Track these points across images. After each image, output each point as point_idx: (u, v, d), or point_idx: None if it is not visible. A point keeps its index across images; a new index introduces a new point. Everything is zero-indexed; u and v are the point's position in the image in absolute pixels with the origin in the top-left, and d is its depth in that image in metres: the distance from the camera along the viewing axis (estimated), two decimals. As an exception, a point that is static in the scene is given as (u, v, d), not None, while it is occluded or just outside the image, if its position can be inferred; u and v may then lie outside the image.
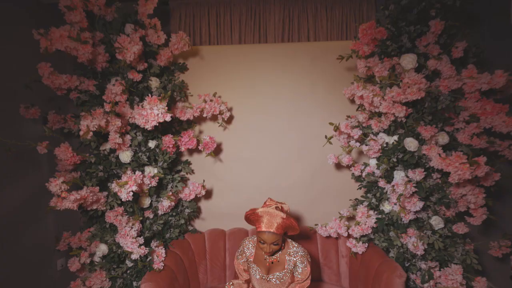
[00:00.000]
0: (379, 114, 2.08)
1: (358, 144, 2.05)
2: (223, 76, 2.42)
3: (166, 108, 1.77)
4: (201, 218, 2.58)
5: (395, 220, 1.95)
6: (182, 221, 2.27)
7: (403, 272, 1.81)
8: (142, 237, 1.96)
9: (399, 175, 1.93)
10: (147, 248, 1.89)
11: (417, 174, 1.84)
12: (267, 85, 2.42)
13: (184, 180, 2.31)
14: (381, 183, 1.98)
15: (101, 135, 1.96)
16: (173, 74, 2.30)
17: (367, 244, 2.08)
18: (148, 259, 1.94)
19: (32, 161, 2.13)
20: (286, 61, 2.40)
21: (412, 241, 1.90)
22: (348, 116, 2.23)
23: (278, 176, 2.49)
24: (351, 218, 2.33)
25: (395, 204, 1.96)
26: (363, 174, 2.11)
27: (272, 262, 1.80)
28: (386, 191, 1.98)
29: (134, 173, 1.86)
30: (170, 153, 2.14)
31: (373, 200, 2.10)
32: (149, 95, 1.81)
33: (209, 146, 2.16)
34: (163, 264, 1.94)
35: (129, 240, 1.85)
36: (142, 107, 1.81)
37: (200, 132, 2.45)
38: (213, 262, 2.36)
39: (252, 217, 1.77)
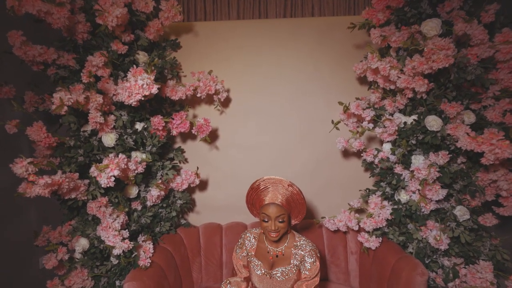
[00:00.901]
0: (394, 93, 1.83)
1: (371, 125, 1.79)
2: (220, 55, 2.16)
3: (153, 78, 1.51)
4: (196, 211, 2.32)
5: (413, 210, 1.69)
6: (174, 214, 2.01)
7: (425, 269, 1.56)
8: (127, 230, 1.69)
9: (418, 160, 1.68)
10: (132, 243, 1.62)
11: (441, 158, 1.59)
12: (267, 65, 2.16)
13: (176, 169, 2.05)
14: (398, 169, 1.73)
15: (82, 115, 1.71)
16: (164, 51, 2.04)
17: (380, 238, 1.82)
18: (133, 255, 1.68)
19: (12, 149, 1.88)
20: (289, 38, 2.15)
21: (434, 235, 1.64)
22: (358, 98, 1.98)
23: (279, 165, 2.23)
24: (360, 211, 2.08)
25: (414, 192, 1.71)
26: (376, 161, 1.86)
27: (277, 256, 1.55)
28: (403, 178, 1.72)
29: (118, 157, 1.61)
30: (160, 137, 1.88)
31: (387, 190, 1.84)
32: (134, 66, 1.55)
33: (203, 129, 1.91)
34: (150, 261, 1.67)
35: (111, 233, 1.59)
36: (127, 81, 1.55)
37: (194, 116, 2.20)
38: (208, 259, 2.09)
39: (254, 195, 1.55)
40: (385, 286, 1.72)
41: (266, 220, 1.50)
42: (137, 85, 1.44)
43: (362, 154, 1.90)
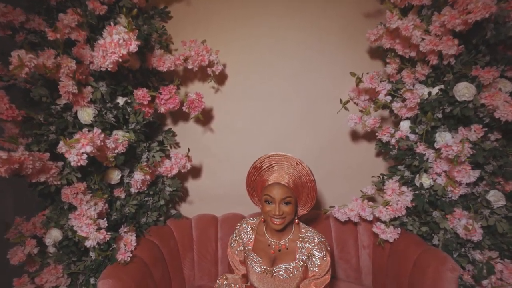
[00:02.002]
0: (413, 63, 1.57)
1: (389, 97, 1.53)
2: (215, 27, 1.90)
3: (134, 39, 1.24)
4: (188, 201, 2.06)
5: (439, 196, 1.43)
6: (162, 202, 1.74)
7: (456, 264, 1.30)
8: (105, 220, 1.42)
9: (443, 138, 1.42)
10: (109, 234, 1.35)
11: (474, 132, 1.32)
12: (267, 38, 1.89)
13: (165, 152, 1.78)
14: (420, 148, 1.46)
15: (56, 88, 1.44)
16: (152, 19, 1.78)
17: (399, 229, 1.56)
18: (111, 248, 1.41)
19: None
20: (291, 7, 1.88)
21: (463, 224, 1.38)
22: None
23: (280, 150, 1.88)
24: (372, 199, 1.82)
25: (439, 175, 1.44)
26: (393, 141, 1.59)
27: (280, 250, 1.29)
28: (427, 159, 1.46)
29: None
30: (145, 114, 1.61)
31: (406, 173, 1.58)
32: (112, 24, 1.28)
33: (195, 105, 1.64)
34: (130, 255, 1.40)
35: (85, 221, 1.32)
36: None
37: (186, 95, 1.93)
38: (202, 255, 1.82)
39: (256, 175, 1.33)
40: (406, 284, 1.46)
41: (269, 201, 1.25)
42: (113, 42, 1.18)
43: (376, 134, 1.64)
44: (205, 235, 1.85)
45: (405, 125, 1.58)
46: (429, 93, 1.42)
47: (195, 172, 2.01)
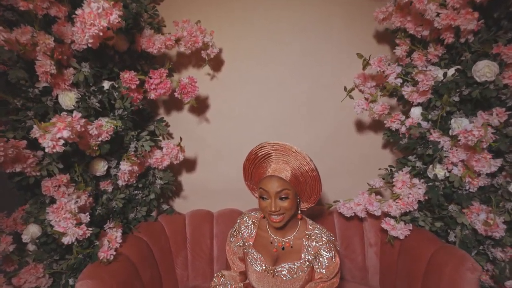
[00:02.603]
0: (425, 45, 1.43)
1: (399, 80, 1.39)
2: (210, 9, 1.75)
3: (118, 14, 1.10)
4: (182, 196, 1.91)
5: (455, 188, 1.29)
6: (152, 196, 1.59)
7: (476, 264, 1.15)
8: (88, 214, 1.28)
9: (459, 124, 1.28)
10: (90, 229, 1.21)
11: (496, 116, 1.18)
12: (266, 21, 1.75)
13: (156, 143, 1.63)
14: (435, 135, 1.32)
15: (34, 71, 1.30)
16: (142, -1, 1.63)
17: (411, 225, 1.41)
18: (92, 246, 1.26)
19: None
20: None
21: (483, 219, 1.23)
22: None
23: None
24: (378, 194, 1.67)
25: (455, 165, 1.30)
26: (403, 129, 1.45)
27: (283, 248, 1.15)
28: (441, 147, 1.32)
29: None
30: (134, 100, 1.47)
31: (418, 164, 1.44)
32: None
33: (188, 91, 1.50)
34: (114, 253, 1.25)
35: (63, 215, 1.18)
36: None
37: (179, 80, 1.78)
38: (196, 253, 1.68)
39: (252, 167, 1.18)
40: (418, 286, 1.31)
41: (265, 197, 1.11)
42: (92, 13, 1.03)
43: (385, 122, 1.49)
44: (200, 232, 1.70)
45: (416, 111, 1.44)
46: (445, 74, 1.28)
47: (189, 164, 1.87)
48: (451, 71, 1.29)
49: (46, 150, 1.09)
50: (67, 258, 1.41)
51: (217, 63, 1.77)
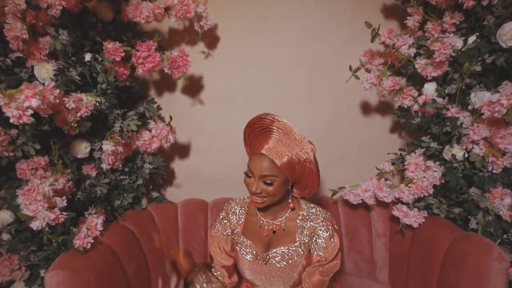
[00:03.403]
0: (439, 14, 1.29)
1: (412, 50, 1.24)
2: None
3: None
4: (175, 185, 1.76)
5: (477, 168, 1.14)
6: (140, 182, 1.44)
7: (503, 253, 1.00)
8: (64, 198, 1.12)
9: (480, 98, 1.13)
10: (65, 214, 1.06)
11: (525, 85, 1.03)
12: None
13: (146, 125, 1.48)
14: (452, 110, 1.17)
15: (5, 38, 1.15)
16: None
17: (425, 212, 1.26)
18: (68, 233, 1.11)
19: None
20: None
21: (508, 203, 1.08)
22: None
23: None
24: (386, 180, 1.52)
25: (476, 143, 1.15)
26: (415, 107, 1.30)
27: (274, 231, 1.00)
28: (461, 124, 1.17)
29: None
30: (119, 75, 1.32)
31: (433, 145, 1.29)
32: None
33: (179, 65, 1.35)
34: (92, 241, 1.09)
35: (33, 197, 1.03)
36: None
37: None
38: (189, 245, 1.53)
39: (253, 137, 1.02)
40: (435, 279, 1.16)
41: (249, 175, 0.96)
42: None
43: (396, 98, 1.35)
44: (193, 222, 1.55)
45: (430, 88, 1.29)
46: (465, 41, 1.13)
47: (182, 150, 1.72)
48: (472, 38, 1.14)
49: (11, 121, 0.94)
50: (46, 249, 1.26)
51: (212, 40, 1.62)
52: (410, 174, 1.27)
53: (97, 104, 1.23)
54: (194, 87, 1.65)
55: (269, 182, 0.92)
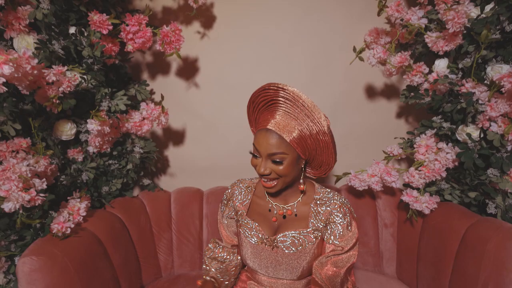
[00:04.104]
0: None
1: (424, 21, 1.14)
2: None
3: None
4: (169, 173, 1.66)
5: (495, 147, 1.03)
6: (130, 167, 1.33)
7: (528, 237, 0.89)
8: (43, 180, 1.02)
9: (497, 71, 1.02)
10: (43, 195, 0.95)
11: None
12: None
13: (137, 108, 1.38)
14: (468, 85, 1.06)
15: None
16: None
17: (438, 197, 1.16)
18: (46, 217, 1.00)
19: None
20: None
21: (529, 186, 0.98)
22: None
23: None
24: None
25: (493, 121, 1.05)
26: (425, 85, 1.20)
27: (284, 217, 0.90)
28: (477, 100, 1.06)
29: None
30: (108, 50, 1.22)
31: (444, 125, 1.18)
32: None
33: (171, 40, 1.25)
34: (72, 225, 0.99)
35: (7, 177, 0.92)
36: None
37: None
38: (183, 236, 1.42)
39: (257, 113, 0.90)
40: (449, 270, 1.05)
41: (256, 155, 0.85)
42: None
43: (404, 76, 1.25)
44: (188, 212, 1.45)
45: (441, 64, 1.19)
46: (482, 8, 1.02)
47: (177, 137, 1.62)
48: (488, 7, 1.04)
49: (-20, 89, 0.84)
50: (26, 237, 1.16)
51: (208, 20, 1.52)
52: (421, 157, 1.16)
53: (82, 81, 1.13)
54: (189, 69, 1.55)
55: (278, 160, 0.81)
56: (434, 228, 1.15)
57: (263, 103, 0.86)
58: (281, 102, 0.81)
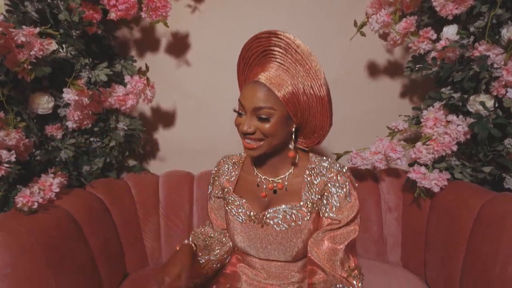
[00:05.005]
0: None
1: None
2: None
3: None
4: (158, 157, 1.55)
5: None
6: (113, 143, 1.22)
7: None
8: (12, 152, 0.91)
9: (513, 32, 0.92)
10: (7, 165, 0.84)
11: None
12: None
13: (122, 84, 1.27)
14: (481, 48, 0.95)
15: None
16: None
17: (448, 173, 1.05)
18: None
19: None
20: None
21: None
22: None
23: None
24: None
25: (510, 87, 0.94)
26: (433, 54, 1.09)
27: (275, 191, 0.79)
28: (492, 64, 0.95)
29: None
30: (87, 17, 1.12)
31: (454, 95, 1.07)
32: None
33: (157, 6, 1.14)
34: (40, 200, 0.88)
35: (-34, 146, 0.82)
36: None
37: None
38: (171, 221, 1.31)
39: (248, 71, 0.80)
40: (462, 253, 0.94)
41: (241, 112, 0.74)
42: None
43: (409, 44, 1.14)
44: (177, 195, 1.34)
45: (450, 31, 1.08)
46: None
47: (167, 119, 1.51)
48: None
49: None
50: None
51: (199, -8, 1.42)
52: (429, 130, 1.06)
53: (59, 48, 1.02)
54: (179, 45, 1.45)
55: (264, 117, 0.70)
56: (444, 208, 1.03)
57: (254, 56, 0.75)
58: (274, 52, 0.71)
